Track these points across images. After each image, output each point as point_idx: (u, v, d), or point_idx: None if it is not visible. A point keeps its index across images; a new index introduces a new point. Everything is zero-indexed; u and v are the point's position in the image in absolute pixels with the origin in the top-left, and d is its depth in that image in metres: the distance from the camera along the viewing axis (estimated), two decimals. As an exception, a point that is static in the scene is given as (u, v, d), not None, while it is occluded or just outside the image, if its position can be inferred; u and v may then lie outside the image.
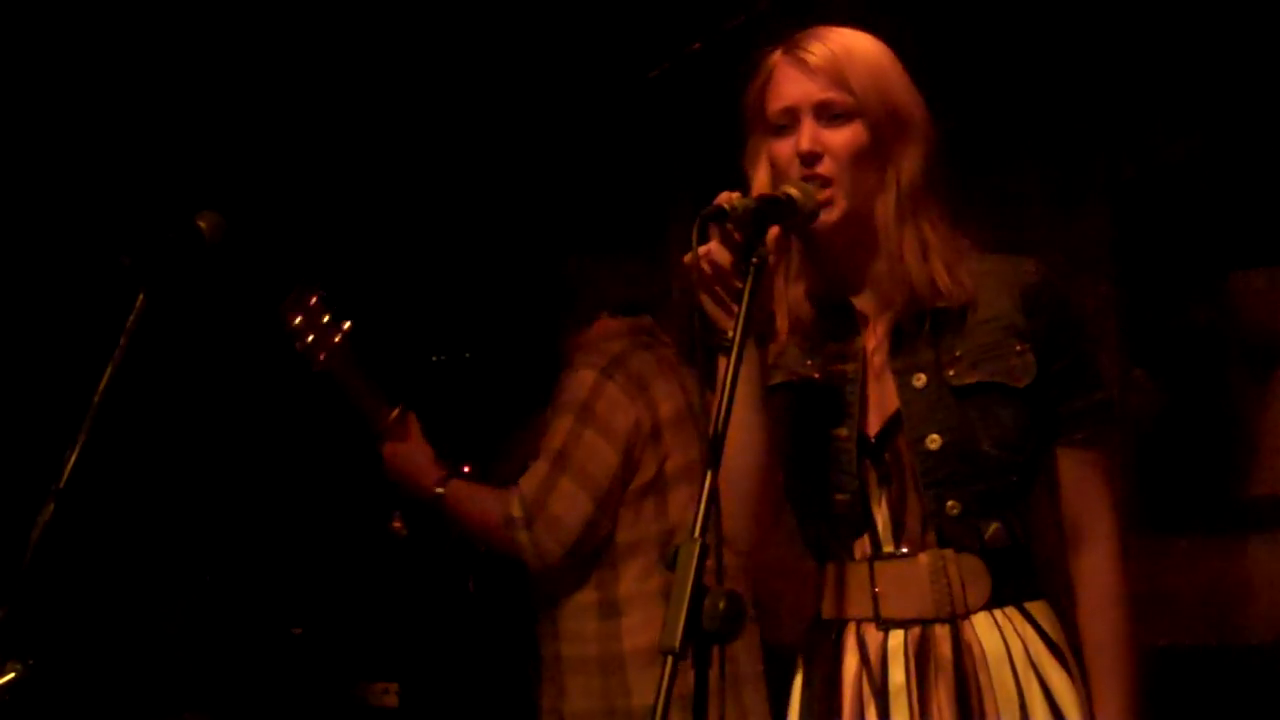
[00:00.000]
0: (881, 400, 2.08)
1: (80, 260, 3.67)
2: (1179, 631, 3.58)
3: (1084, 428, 2.11)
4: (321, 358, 3.10)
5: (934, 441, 2.03)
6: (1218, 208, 3.70)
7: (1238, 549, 3.65)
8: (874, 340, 2.11)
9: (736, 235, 1.87)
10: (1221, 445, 3.71)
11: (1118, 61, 3.73)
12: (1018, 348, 2.06)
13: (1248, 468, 3.69)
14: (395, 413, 3.13)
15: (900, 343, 2.08)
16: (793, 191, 1.97)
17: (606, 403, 3.01)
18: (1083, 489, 2.12)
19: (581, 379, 3.04)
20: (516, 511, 2.98)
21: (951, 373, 2.05)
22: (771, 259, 1.88)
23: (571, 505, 2.98)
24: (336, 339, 3.10)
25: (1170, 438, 3.72)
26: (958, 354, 2.06)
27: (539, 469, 3.00)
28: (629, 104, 4.04)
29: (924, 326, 2.07)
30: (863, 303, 2.12)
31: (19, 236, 3.80)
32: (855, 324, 2.12)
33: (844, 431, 2.07)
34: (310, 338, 3.11)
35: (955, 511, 2.03)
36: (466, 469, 3.24)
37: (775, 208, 1.92)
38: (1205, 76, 3.66)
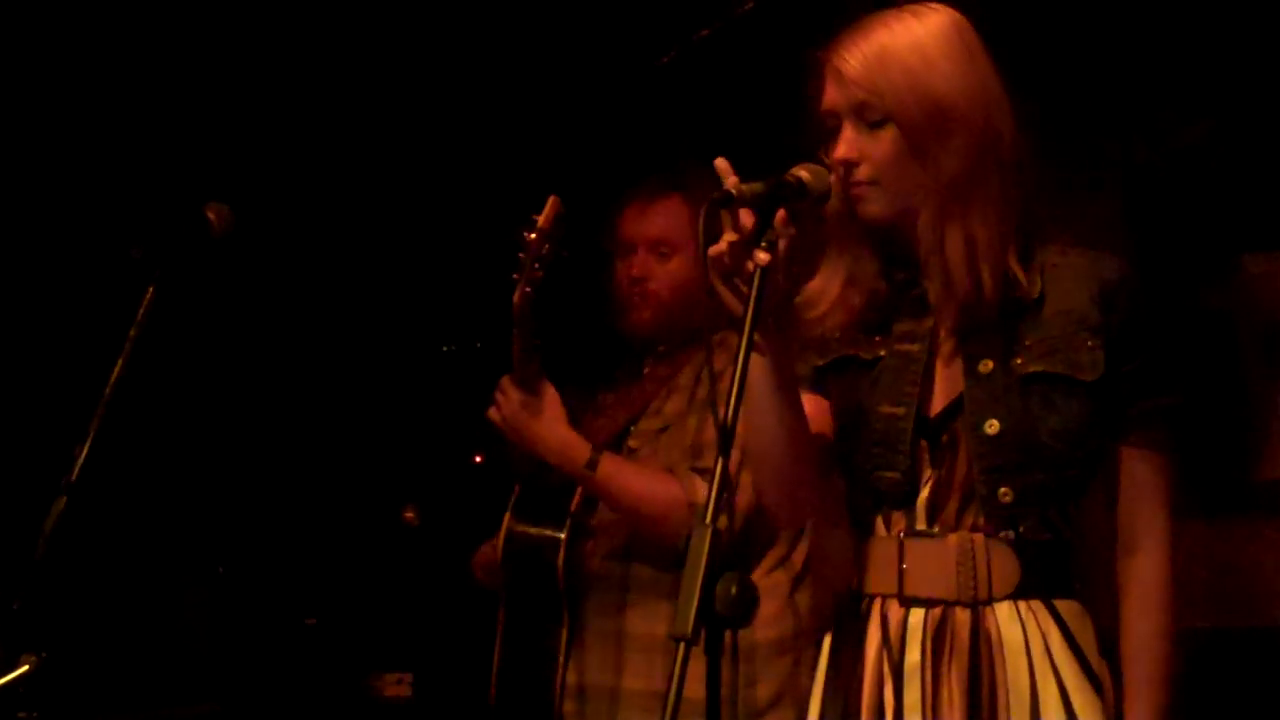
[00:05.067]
0: (947, 383, 2.08)
1: (89, 253, 3.67)
2: (1192, 615, 3.56)
3: (1151, 430, 2.11)
4: (528, 291, 2.86)
5: (992, 427, 2.03)
6: (1231, 191, 3.69)
7: (1251, 532, 3.65)
8: (945, 323, 2.11)
9: (746, 220, 1.87)
10: (1234, 428, 3.70)
11: (1131, 44, 3.71)
12: (1089, 343, 2.05)
13: (1261, 451, 3.68)
14: (537, 365, 2.92)
15: (971, 328, 2.08)
16: (803, 174, 1.96)
17: None
18: (1142, 492, 2.11)
19: None
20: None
21: (1019, 360, 2.05)
22: (782, 243, 1.88)
23: (749, 501, 2.80)
24: (539, 274, 2.87)
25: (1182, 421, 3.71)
26: (1027, 343, 2.06)
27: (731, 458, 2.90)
28: (638, 91, 4.03)
29: (995, 314, 2.06)
30: (935, 286, 2.11)
31: (29, 229, 3.81)
32: (926, 305, 2.11)
33: (901, 410, 2.07)
34: (534, 266, 2.86)
35: (1008, 499, 2.03)
36: (479, 459, 3.21)
37: (784, 191, 1.91)
38: (1218, 59, 3.64)
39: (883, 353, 2.11)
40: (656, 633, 2.94)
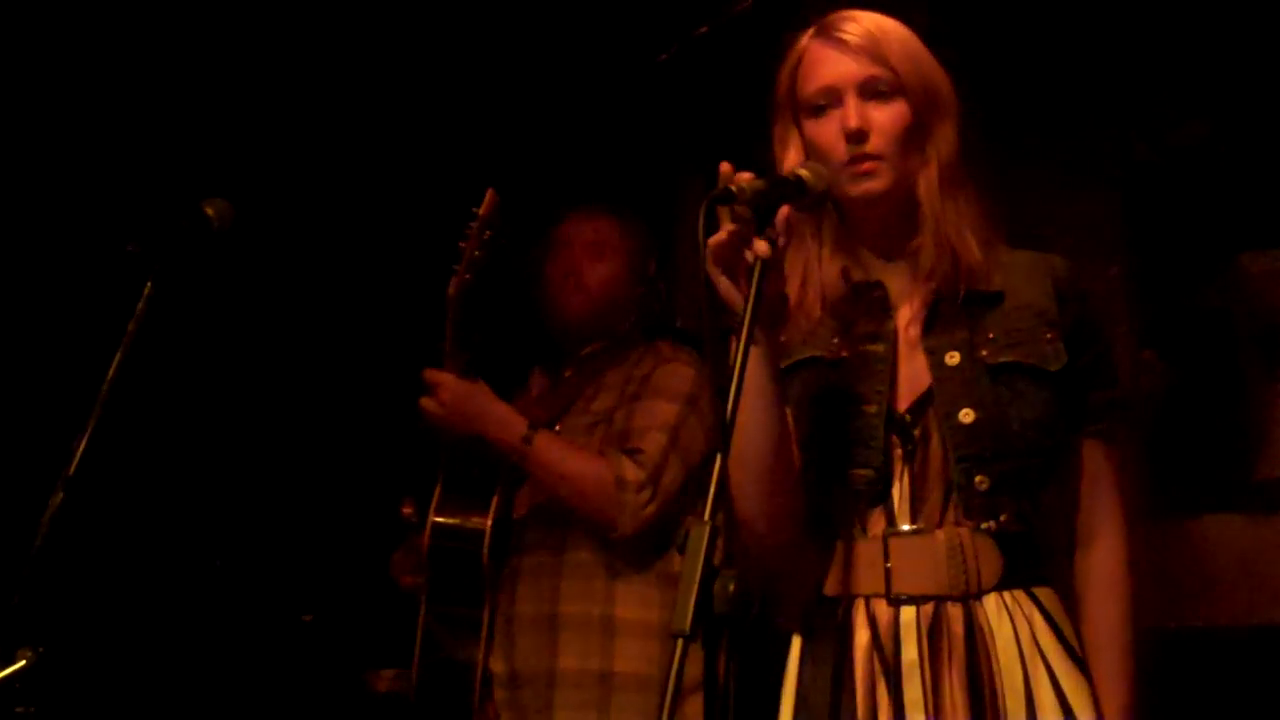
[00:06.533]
0: (913, 378, 2.10)
1: (88, 248, 3.67)
2: (1187, 614, 3.58)
3: (1105, 421, 2.15)
4: (466, 279, 3.05)
5: (967, 415, 2.05)
6: (1229, 189, 3.69)
7: (1248, 531, 3.65)
8: (905, 320, 2.13)
9: (746, 216, 1.87)
10: (1231, 427, 3.71)
11: (1129, 42, 3.71)
12: (1048, 335, 2.10)
13: (1258, 449, 3.69)
14: (468, 357, 3.09)
15: (933, 322, 2.11)
16: (803, 172, 1.97)
17: (707, 399, 3.07)
18: (1097, 483, 2.16)
19: (684, 374, 3.14)
20: (633, 475, 3.01)
21: (985, 352, 2.08)
22: (781, 240, 1.89)
23: (676, 480, 3.04)
24: (479, 263, 3.05)
25: (1180, 419, 3.71)
26: (991, 335, 2.09)
27: (658, 440, 3.05)
28: (637, 88, 4.03)
29: (957, 308, 2.10)
30: (896, 282, 2.15)
31: (27, 224, 3.80)
32: (887, 304, 2.14)
33: (872, 408, 2.08)
34: (474, 255, 3.04)
35: (984, 487, 2.05)
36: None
37: (784, 188, 1.92)
38: (1217, 57, 3.65)
39: (845, 353, 2.12)
40: (590, 612, 3.06)
